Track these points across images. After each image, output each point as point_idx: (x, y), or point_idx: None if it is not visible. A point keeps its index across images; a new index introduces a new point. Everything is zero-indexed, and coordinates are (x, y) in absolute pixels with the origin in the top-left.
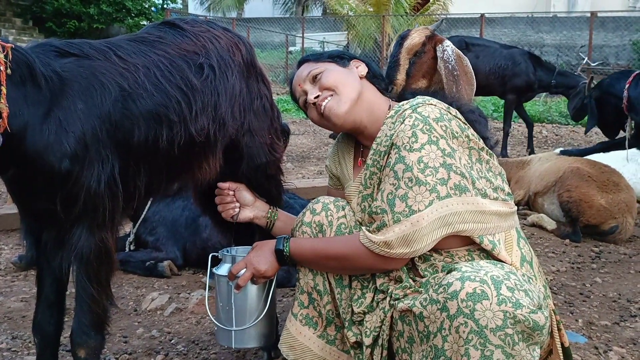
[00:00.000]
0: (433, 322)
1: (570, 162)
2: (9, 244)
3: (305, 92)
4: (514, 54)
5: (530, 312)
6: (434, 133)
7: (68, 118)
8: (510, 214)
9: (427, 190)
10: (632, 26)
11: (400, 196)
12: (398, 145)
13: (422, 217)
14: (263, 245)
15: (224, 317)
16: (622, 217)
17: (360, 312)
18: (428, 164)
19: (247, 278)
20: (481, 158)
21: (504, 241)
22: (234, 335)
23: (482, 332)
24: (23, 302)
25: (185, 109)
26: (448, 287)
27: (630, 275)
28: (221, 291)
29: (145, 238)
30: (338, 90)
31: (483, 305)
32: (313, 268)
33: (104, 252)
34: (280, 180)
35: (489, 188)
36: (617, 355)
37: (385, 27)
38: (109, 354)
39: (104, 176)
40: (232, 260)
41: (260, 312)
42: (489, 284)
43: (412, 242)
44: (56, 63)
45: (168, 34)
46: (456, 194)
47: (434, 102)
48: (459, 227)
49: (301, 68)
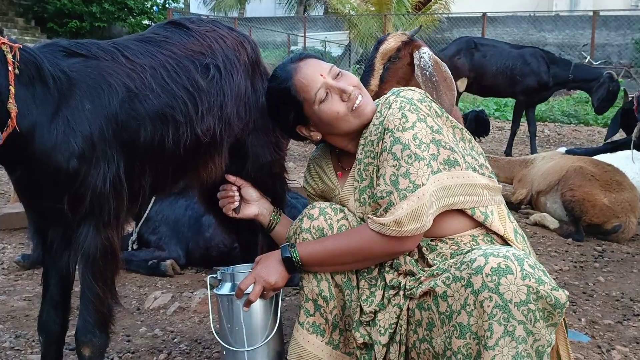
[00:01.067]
0: (457, 300)
1: (573, 161)
2: (12, 243)
3: (327, 84)
4: (525, 54)
5: (552, 289)
6: (421, 112)
7: (76, 118)
8: (498, 190)
9: (425, 165)
10: (634, 25)
11: (403, 174)
12: (390, 128)
13: (426, 190)
14: (268, 257)
15: (233, 339)
16: (625, 216)
17: (370, 312)
18: (422, 140)
19: (258, 292)
20: (464, 137)
21: (497, 213)
22: (246, 356)
23: (507, 306)
24: (26, 301)
25: (192, 110)
26: (472, 262)
27: (633, 274)
28: (226, 312)
29: (147, 237)
30: (363, 91)
31: (508, 280)
32: (325, 270)
33: (110, 251)
34: (284, 179)
35: (475, 164)
36: (620, 354)
37: (387, 27)
38: (112, 352)
39: (109, 176)
40: (232, 278)
41: (272, 327)
42: (512, 259)
43: (421, 216)
44: (64, 63)
45: (174, 34)
46: (445, 169)
47: (413, 88)
48: (450, 201)
49: (314, 61)
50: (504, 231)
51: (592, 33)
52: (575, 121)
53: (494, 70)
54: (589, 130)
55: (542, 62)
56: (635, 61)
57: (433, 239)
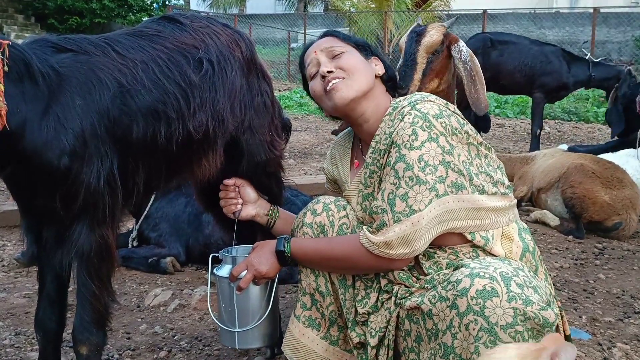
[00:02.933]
0: (442, 319)
1: (573, 158)
2: (12, 240)
3: (318, 61)
4: (546, 52)
5: (541, 309)
6: (434, 130)
7: (66, 114)
8: (509, 208)
9: (427, 190)
10: (634, 22)
11: (401, 195)
12: (398, 144)
13: (422, 217)
14: (263, 246)
15: (227, 318)
16: (626, 213)
17: (364, 313)
18: (428, 162)
19: (249, 280)
20: (480, 153)
21: (499, 236)
22: (237, 336)
23: (493, 329)
24: (26, 299)
25: (184, 106)
26: (457, 284)
27: (634, 272)
28: (223, 292)
29: (147, 234)
30: (352, 76)
31: (493, 303)
32: (315, 268)
33: (105, 248)
34: (280, 178)
35: (488, 183)
36: (621, 351)
37: (387, 24)
38: (112, 350)
39: (103, 173)
40: (233, 261)
41: (263, 312)
42: (499, 280)
43: (412, 242)
44: (53, 59)
45: (167, 29)
46: (452, 192)
47: (432, 99)
48: (453, 225)
49: (325, 39)
50: (504, 255)
51: (593, 30)
52: (575, 118)
53: (511, 68)
54: (589, 128)
55: (564, 61)
56: (635, 58)
57: (432, 246)
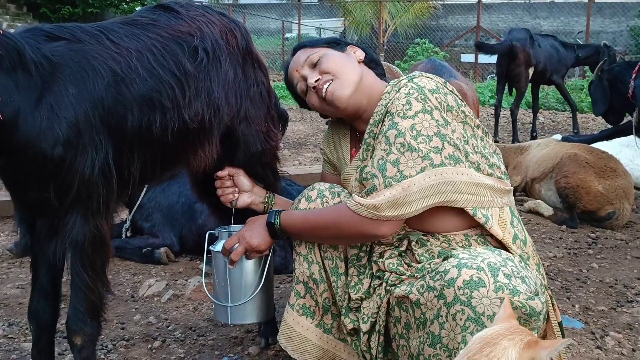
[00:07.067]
0: (430, 309)
1: (567, 148)
2: (5, 231)
3: (304, 77)
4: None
5: (527, 298)
6: (429, 103)
7: (60, 103)
8: (505, 192)
9: (419, 157)
10: (629, 12)
11: (392, 161)
12: (392, 112)
13: (413, 183)
14: (255, 220)
15: (221, 293)
16: (619, 203)
17: (357, 299)
18: (421, 132)
19: (240, 253)
20: (475, 134)
21: (497, 217)
22: (230, 311)
23: (479, 319)
24: (19, 289)
25: (179, 95)
26: (445, 274)
27: (627, 261)
28: (217, 267)
29: (141, 224)
30: (339, 75)
31: (480, 293)
32: (305, 239)
33: (99, 239)
34: (276, 168)
35: (483, 163)
36: (614, 340)
37: (382, 14)
38: (106, 340)
39: (97, 162)
40: (229, 237)
41: (256, 287)
42: (486, 271)
43: (401, 206)
44: (46, 48)
45: (162, 17)
46: (451, 164)
47: (431, 76)
48: (452, 197)
49: (297, 54)
50: (502, 236)
51: (587, 20)
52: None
53: (543, 60)
54: (583, 118)
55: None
56: (629, 48)
57: (425, 233)
